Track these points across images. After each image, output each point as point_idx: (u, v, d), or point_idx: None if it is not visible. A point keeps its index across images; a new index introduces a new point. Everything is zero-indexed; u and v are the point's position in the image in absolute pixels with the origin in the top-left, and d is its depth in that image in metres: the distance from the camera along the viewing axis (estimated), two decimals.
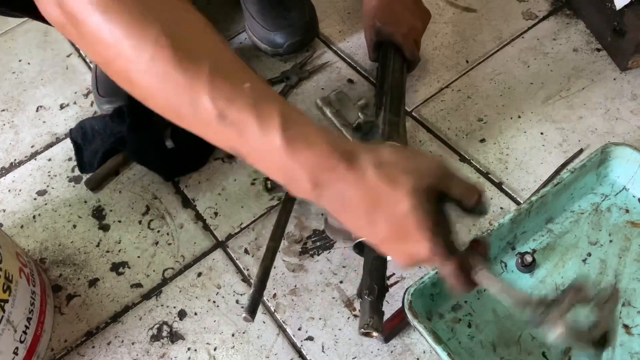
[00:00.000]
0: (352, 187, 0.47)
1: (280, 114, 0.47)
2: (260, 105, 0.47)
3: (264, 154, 0.48)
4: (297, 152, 0.46)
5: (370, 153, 0.48)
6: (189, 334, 0.74)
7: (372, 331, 0.63)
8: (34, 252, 0.84)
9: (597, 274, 0.71)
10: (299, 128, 0.47)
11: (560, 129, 0.86)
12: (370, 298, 0.65)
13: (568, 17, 0.99)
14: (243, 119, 0.46)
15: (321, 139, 0.48)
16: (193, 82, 0.46)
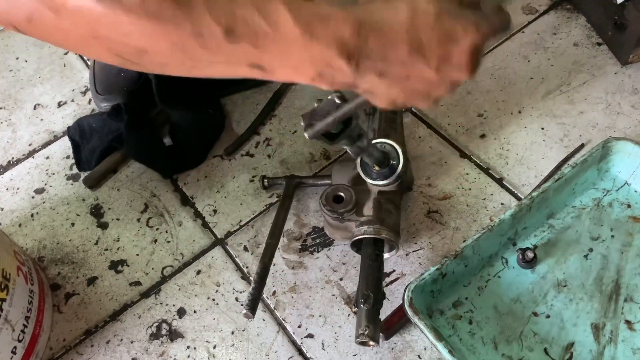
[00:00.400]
0: (391, 19, 0.44)
1: (285, 4, 0.44)
2: (261, 4, 0.44)
3: (287, 54, 0.44)
4: (318, 30, 0.43)
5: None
6: (188, 332, 0.74)
7: (368, 340, 0.62)
8: (32, 250, 0.83)
9: (599, 269, 0.71)
10: (308, 9, 0.44)
11: (561, 124, 0.85)
12: (365, 307, 0.64)
13: (568, 12, 0.98)
14: (252, 27, 0.43)
15: (333, 10, 0.44)
16: (190, 10, 0.43)
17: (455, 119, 0.88)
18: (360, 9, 0.46)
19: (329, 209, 0.71)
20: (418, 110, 0.90)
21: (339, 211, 0.71)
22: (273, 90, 0.95)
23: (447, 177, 0.82)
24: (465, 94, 0.90)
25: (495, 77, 0.92)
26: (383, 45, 0.45)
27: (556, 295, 0.69)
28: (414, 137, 0.87)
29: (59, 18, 0.43)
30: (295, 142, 0.89)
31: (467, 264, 0.70)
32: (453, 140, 0.86)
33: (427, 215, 0.79)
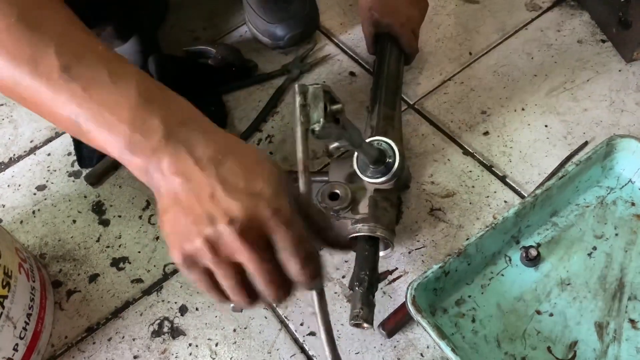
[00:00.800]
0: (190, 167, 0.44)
1: (136, 72, 0.46)
2: (113, 62, 0.45)
3: (111, 108, 0.44)
4: (153, 102, 0.45)
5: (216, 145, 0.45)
6: (190, 329, 0.73)
7: (362, 322, 0.63)
8: (33, 247, 0.83)
9: (602, 267, 0.70)
10: (155, 85, 0.47)
11: (564, 121, 0.85)
12: (360, 289, 0.65)
13: (572, 8, 0.98)
14: (91, 72, 0.44)
15: (178, 97, 0.47)
16: (38, 37, 0.44)
17: (458, 116, 0.88)
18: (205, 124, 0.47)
19: (324, 206, 0.71)
20: (420, 107, 0.89)
21: (334, 208, 0.71)
22: (275, 87, 0.95)
23: (450, 175, 0.82)
24: (469, 91, 0.90)
25: (498, 74, 0.91)
26: None
27: (560, 293, 0.69)
28: (417, 134, 0.86)
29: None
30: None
31: (470, 262, 0.69)
32: (456, 137, 0.85)
33: (429, 212, 0.79)
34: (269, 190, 0.44)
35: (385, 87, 0.83)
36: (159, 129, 0.44)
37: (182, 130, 0.45)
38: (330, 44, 1.00)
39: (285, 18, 0.97)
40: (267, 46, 1.00)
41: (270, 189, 0.44)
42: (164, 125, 0.45)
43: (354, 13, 1.04)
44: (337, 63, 0.97)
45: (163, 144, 0.44)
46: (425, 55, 0.95)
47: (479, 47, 0.95)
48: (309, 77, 0.96)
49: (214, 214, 0.43)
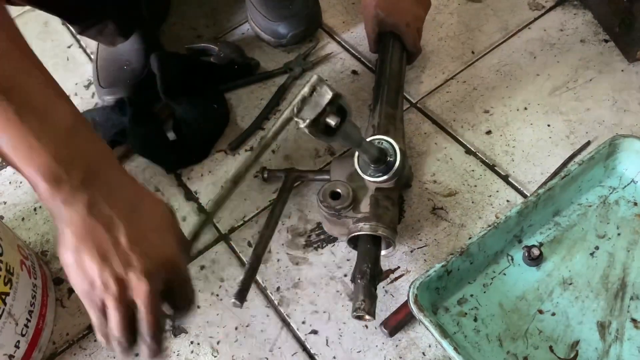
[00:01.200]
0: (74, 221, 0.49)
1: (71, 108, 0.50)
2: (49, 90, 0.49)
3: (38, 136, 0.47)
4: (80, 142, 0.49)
5: None
6: (192, 327, 0.73)
7: (364, 314, 0.64)
8: (35, 244, 0.83)
9: (605, 267, 0.70)
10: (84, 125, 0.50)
11: (567, 120, 0.85)
12: (362, 282, 0.65)
13: (575, 8, 0.98)
14: (26, 97, 0.47)
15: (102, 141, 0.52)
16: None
17: (460, 115, 0.87)
18: None
19: (325, 205, 0.71)
20: (423, 106, 0.89)
21: (336, 207, 0.70)
22: (277, 85, 0.95)
23: (452, 174, 0.82)
24: (471, 90, 0.90)
25: (501, 74, 0.91)
26: None
27: (562, 293, 0.69)
28: (420, 133, 0.86)
29: None
30: (299, 138, 0.88)
31: (472, 261, 0.69)
32: (459, 136, 0.85)
33: (432, 211, 0.79)
34: (171, 243, 0.52)
35: (387, 86, 0.83)
36: (79, 170, 0.48)
37: (102, 175, 0.49)
38: (333, 42, 1.00)
39: (287, 16, 0.97)
40: (270, 44, 1.00)
41: (171, 242, 0.53)
42: (84, 170, 0.48)
43: (356, 11, 1.03)
44: (339, 61, 0.97)
45: (80, 186, 0.48)
46: (428, 54, 0.95)
47: (481, 46, 0.95)
48: (311, 75, 0.96)
49: (127, 261, 0.49)
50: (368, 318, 0.65)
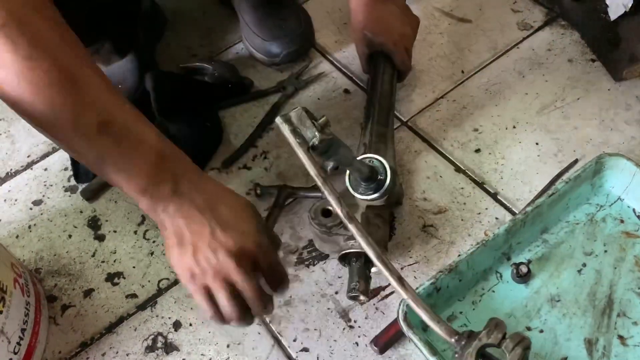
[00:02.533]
0: None
1: (156, 132, 0.58)
2: (139, 122, 0.58)
3: (135, 162, 0.57)
4: (166, 161, 0.58)
5: None
6: (183, 345, 0.74)
7: (359, 294, 0.67)
8: (29, 262, 0.84)
9: (592, 284, 0.71)
10: (169, 146, 0.60)
11: (555, 139, 0.86)
12: (357, 264, 0.68)
13: (563, 28, 1.00)
14: (122, 130, 0.56)
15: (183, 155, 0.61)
16: (81, 96, 0.53)
17: (450, 134, 0.89)
18: None
19: (317, 222, 0.72)
20: (413, 125, 0.91)
21: (327, 225, 0.71)
22: (271, 104, 0.96)
23: (442, 192, 0.83)
24: (461, 109, 0.91)
25: (490, 92, 0.93)
26: None
27: (550, 310, 0.70)
28: (410, 151, 0.88)
29: None
30: (292, 155, 0.89)
31: (461, 279, 0.70)
32: (448, 154, 0.87)
33: (422, 229, 0.80)
34: (252, 229, 0.60)
35: (378, 105, 0.84)
36: (169, 184, 0.58)
37: (186, 184, 0.59)
38: (325, 62, 1.02)
39: (280, 35, 0.99)
40: (263, 63, 1.01)
41: (253, 228, 0.60)
42: (172, 182, 0.58)
43: (348, 31, 1.05)
44: (331, 80, 0.99)
45: (171, 195, 0.58)
46: (419, 73, 0.96)
47: (471, 65, 0.97)
48: (304, 94, 0.97)
49: (215, 246, 0.58)
50: (362, 298, 0.69)
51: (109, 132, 0.55)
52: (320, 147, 0.57)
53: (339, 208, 0.57)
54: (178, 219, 0.58)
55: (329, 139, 0.58)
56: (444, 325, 0.57)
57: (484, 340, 0.55)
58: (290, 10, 1.02)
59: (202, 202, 0.59)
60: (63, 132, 0.55)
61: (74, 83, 0.53)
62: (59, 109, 0.53)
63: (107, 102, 0.56)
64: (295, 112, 0.57)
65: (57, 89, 0.52)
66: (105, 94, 0.56)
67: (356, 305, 0.74)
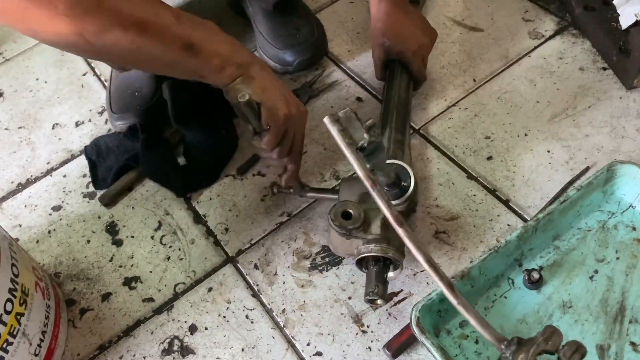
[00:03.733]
0: None
1: None
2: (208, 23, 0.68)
3: (217, 43, 0.67)
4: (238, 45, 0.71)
5: None
6: (199, 348, 0.75)
7: (377, 299, 0.68)
8: (48, 266, 0.85)
9: (604, 291, 0.72)
10: None
11: (566, 146, 0.87)
12: (376, 268, 0.69)
13: (574, 37, 1.00)
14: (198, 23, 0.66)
15: None
16: None
17: (462, 141, 0.90)
18: None
19: (337, 224, 0.73)
20: (426, 132, 0.92)
21: (347, 227, 0.72)
22: None
23: (454, 198, 0.84)
24: (473, 117, 0.92)
25: (502, 101, 0.94)
26: None
27: (561, 316, 0.70)
28: (422, 158, 0.89)
29: None
30: (305, 162, 0.91)
31: (473, 285, 0.71)
32: (460, 162, 0.88)
33: (434, 235, 0.81)
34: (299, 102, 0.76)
35: (396, 112, 0.85)
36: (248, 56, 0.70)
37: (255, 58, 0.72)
38: (338, 70, 1.03)
39: (294, 44, 1.00)
40: (277, 71, 1.03)
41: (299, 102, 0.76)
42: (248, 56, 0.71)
43: (361, 41, 1.07)
44: (344, 89, 1.00)
45: (251, 60, 0.71)
46: (431, 81, 0.98)
47: (482, 73, 0.98)
48: (317, 102, 0.99)
49: (289, 100, 0.73)
50: (380, 302, 0.69)
51: (184, 24, 0.64)
52: (367, 149, 0.59)
53: (388, 212, 0.57)
54: (263, 72, 0.71)
55: (376, 141, 0.59)
56: (493, 331, 0.57)
57: (542, 347, 0.54)
58: (303, 20, 1.03)
59: (270, 71, 0.73)
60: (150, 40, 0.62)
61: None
62: None
63: None
64: (343, 113, 0.58)
65: None
66: None
67: (369, 310, 0.75)
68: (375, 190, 0.57)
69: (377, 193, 0.57)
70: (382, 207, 0.57)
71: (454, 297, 0.56)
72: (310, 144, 0.93)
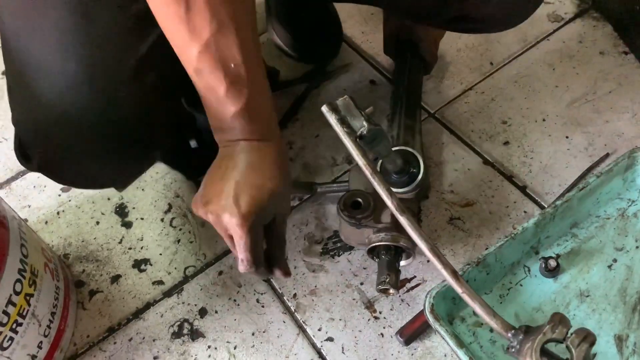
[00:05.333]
0: None
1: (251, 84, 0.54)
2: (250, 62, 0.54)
3: None
4: None
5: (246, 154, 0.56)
6: (209, 332, 0.74)
7: (389, 288, 0.67)
8: (57, 247, 0.85)
9: (622, 280, 0.70)
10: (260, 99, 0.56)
11: (585, 132, 0.85)
12: (387, 257, 0.68)
13: (595, 20, 0.98)
14: None
15: None
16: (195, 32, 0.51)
17: (478, 126, 0.88)
18: None
19: (346, 214, 0.71)
20: (441, 116, 0.90)
21: (357, 216, 0.71)
22: (296, 94, 0.96)
23: (469, 184, 0.82)
24: (490, 101, 0.90)
25: (519, 85, 0.92)
26: None
27: (579, 305, 0.69)
28: (437, 143, 0.87)
29: None
30: (317, 146, 0.89)
31: (489, 272, 0.69)
32: (476, 147, 0.86)
33: (449, 222, 0.79)
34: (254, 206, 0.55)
35: (405, 97, 0.83)
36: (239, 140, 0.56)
37: None
38: (352, 52, 1.01)
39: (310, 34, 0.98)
40: (294, 59, 1.01)
41: None
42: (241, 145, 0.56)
43: (375, 22, 1.05)
44: (357, 71, 0.98)
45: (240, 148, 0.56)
46: (446, 64, 0.95)
47: (500, 57, 0.96)
48: (331, 85, 0.97)
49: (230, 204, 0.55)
50: (392, 292, 0.68)
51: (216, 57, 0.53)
52: (367, 137, 0.57)
53: (389, 200, 0.56)
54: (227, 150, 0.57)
55: (376, 129, 0.57)
56: (500, 319, 0.55)
57: (548, 335, 0.53)
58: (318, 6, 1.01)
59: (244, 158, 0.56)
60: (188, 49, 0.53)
61: None
62: None
63: None
64: (342, 101, 0.56)
65: None
66: None
67: (381, 297, 0.74)
68: (375, 179, 0.56)
69: (378, 181, 0.56)
70: (383, 195, 0.56)
71: (459, 285, 0.55)
72: (323, 127, 0.91)
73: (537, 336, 0.53)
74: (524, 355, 0.53)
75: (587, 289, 0.70)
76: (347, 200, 0.72)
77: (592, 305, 0.69)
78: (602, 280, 0.70)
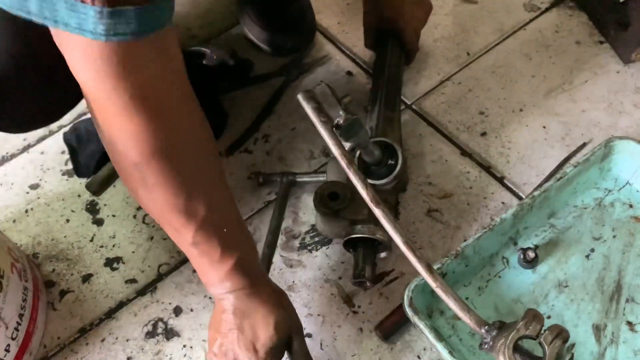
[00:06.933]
0: None
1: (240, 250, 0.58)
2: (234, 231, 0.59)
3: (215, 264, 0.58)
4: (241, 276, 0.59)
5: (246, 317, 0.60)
6: (184, 330, 0.73)
7: (365, 281, 0.66)
8: (26, 247, 0.82)
9: (600, 269, 0.70)
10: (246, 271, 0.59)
11: (562, 122, 0.84)
12: (364, 250, 0.67)
13: (570, 9, 0.98)
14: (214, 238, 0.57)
15: None
16: None
17: (456, 117, 0.87)
18: None
19: (323, 205, 0.70)
20: (419, 108, 0.89)
21: (334, 208, 0.70)
22: (273, 87, 0.94)
23: (447, 176, 0.81)
24: (467, 92, 0.90)
25: (496, 75, 0.91)
26: None
27: (557, 295, 0.69)
28: (415, 134, 0.86)
29: None
30: (293, 139, 0.88)
31: (467, 264, 0.69)
32: (454, 138, 0.85)
33: (427, 214, 0.78)
34: None
35: (386, 88, 0.82)
36: (233, 291, 0.59)
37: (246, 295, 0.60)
38: (328, 44, 0.99)
39: (285, 27, 0.96)
40: (267, 53, 0.99)
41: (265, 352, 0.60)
42: (235, 293, 0.59)
43: (352, 12, 1.03)
44: (334, 63, 0.97)
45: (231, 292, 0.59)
46: (424, 55, 0.94)
47: (477, 47, 0.95)
48: (307, 77, 0.95)
49: None
50: (369, 285, 0.67)
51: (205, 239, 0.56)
52: (344, 126, 0.55)
53: (364, 191, 0.55)
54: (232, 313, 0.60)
55: (353, 118, 0.56)
56: (474, 315, 0.55)
57: (522, 332, 0.52)
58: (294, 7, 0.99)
59: (242, 312, 0.60)
60: (174, 226, 0.56)
61: None
62: None
63: None
64: (319, 89, 0.55)
65: None
66: None
67: (360, 291, 0.73)
68: (351, 170, 0.55)
69: (353, 172, 0.55)
70: (358, 186, 0.55)
71: (433, 279, 0.54)
72: (299, 120, 0.90)
73: (510, 333, 0.52)
74: (497, 352, 0.52)
75: (565, 279, 0.70)
76: (324, 191, 0.71)
77: (570, 296, 0.69)
78: (580, 270, 0.70)
